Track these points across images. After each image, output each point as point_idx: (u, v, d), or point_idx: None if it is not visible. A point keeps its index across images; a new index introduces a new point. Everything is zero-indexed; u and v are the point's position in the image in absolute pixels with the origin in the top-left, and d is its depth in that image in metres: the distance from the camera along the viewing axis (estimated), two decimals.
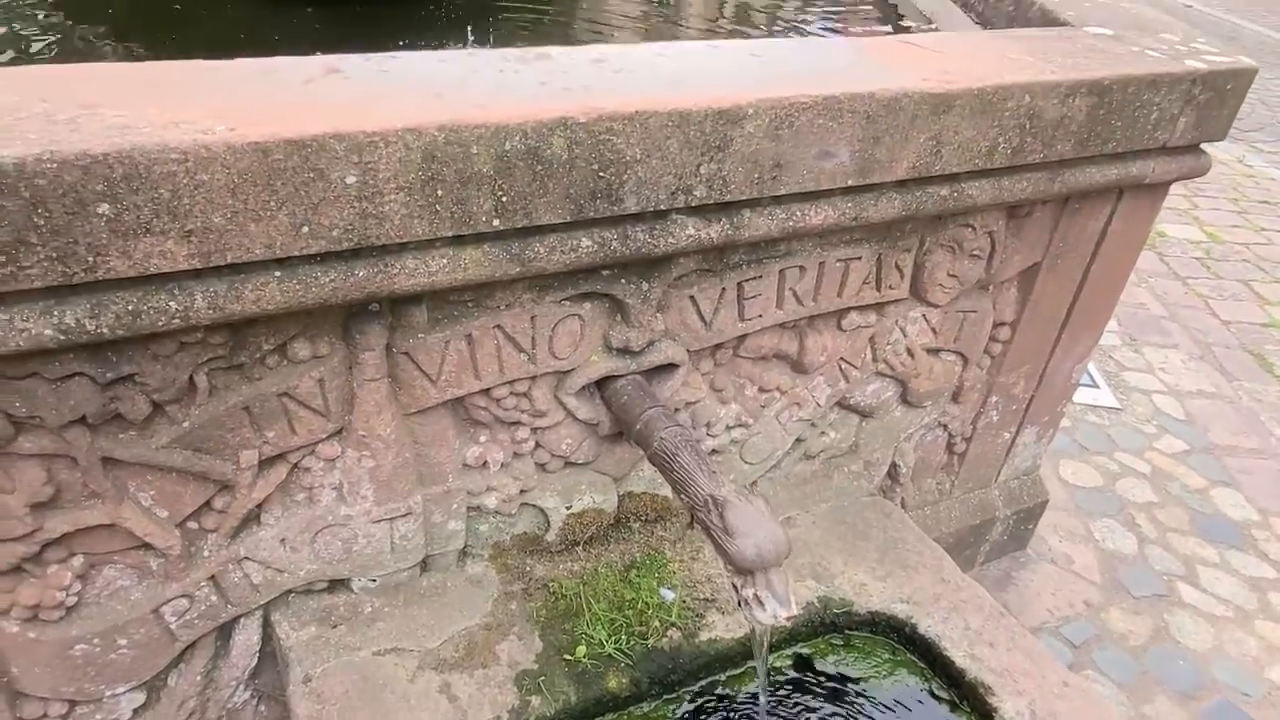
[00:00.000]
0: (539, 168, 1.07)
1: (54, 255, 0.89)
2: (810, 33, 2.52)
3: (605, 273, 1.29)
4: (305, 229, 0.99)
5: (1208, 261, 4.31)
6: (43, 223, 0.87)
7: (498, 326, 1.26)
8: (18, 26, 2.04)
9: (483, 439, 1.41)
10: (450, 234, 1.08)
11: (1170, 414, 3.14)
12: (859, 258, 1.51)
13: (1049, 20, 1.85)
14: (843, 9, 2.76)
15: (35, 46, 1.92)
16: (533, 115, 1.05)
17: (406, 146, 0.99)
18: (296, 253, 1.00)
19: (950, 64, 1.39)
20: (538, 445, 1.46)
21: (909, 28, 2.44)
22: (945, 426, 1.99)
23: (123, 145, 0.88)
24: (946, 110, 1.32)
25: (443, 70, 1.16)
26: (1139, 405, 3.17)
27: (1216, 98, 1.58)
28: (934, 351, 1.79)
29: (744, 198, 1.25)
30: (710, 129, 1.15)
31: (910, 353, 1.74)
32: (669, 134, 1.13)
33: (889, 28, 2.53)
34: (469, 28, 2.28)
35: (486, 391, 1.33)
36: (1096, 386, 3.21)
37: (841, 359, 1.67)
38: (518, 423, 1.40)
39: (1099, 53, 1.54)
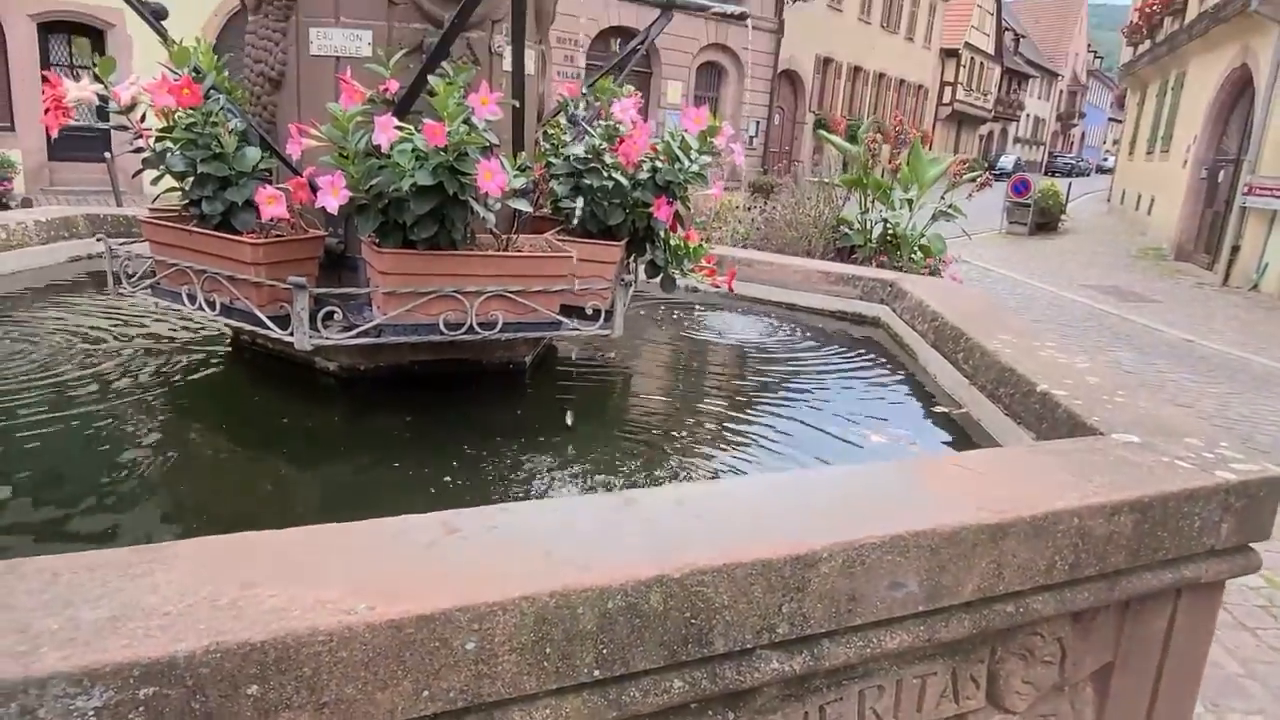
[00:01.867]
0: (637, 621, 1.16)
1: None
2: (833, 391, 2.74)
3: (693, 705, 1.33)
4: (425, 693, 1.06)
5: (1273, 610, 4.19)
6: (198, 706, 0.96)
7: None
8: (131, 412, 2.26)
9: None
10: (554, 686, 1.15)
11: None
12: (934, 673, 1.54)
13: (1075, 423, 2.02)
14: (873, 381, 3.01)
15: (157, 448, 2.11)
16: (632, 575, 1.16)
17: (522, 613, 1.09)
18: (415, 715, 1.07)
19: (1001, 489, 1.52)
20: None
21: (945, 412, 2.66)
22: None
23: (278, 632, 0.98)
24: (1003, 537, 1.42)
25: (544, 523, 1.30)
26: None
27: (1253, 504, 1.68)
28: None
29: (823, 630, 1.32)
30: (790, 573, 1.26)
31: None
32: (753, 580, 1.23)
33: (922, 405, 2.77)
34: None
35: None
36: None
37: None
38: None
39: (1133, 465, 1.68)
